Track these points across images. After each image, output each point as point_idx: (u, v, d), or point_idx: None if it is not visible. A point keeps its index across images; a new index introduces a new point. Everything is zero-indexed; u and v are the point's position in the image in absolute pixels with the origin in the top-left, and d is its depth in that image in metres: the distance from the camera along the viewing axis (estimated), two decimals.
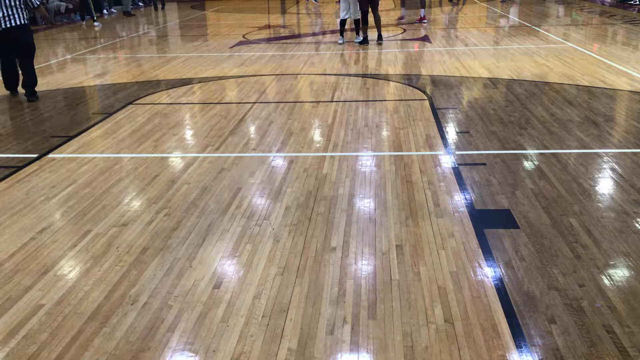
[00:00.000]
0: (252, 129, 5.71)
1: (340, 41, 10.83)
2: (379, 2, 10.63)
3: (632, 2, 15.62)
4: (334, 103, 6.56)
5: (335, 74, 8.13)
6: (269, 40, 12.14)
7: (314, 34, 13.03)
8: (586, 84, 7.06)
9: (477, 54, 9.48)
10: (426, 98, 6.64)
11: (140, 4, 20.90)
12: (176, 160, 4.86)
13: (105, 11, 17.78)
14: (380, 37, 10.73)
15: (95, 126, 5.94)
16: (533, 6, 16.98)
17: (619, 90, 6.70)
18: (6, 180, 4.50)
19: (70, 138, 5.52)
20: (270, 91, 7.36)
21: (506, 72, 7.90)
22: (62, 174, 4.57)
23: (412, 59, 9.20)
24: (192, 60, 9.83)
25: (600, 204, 3.72)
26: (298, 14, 17.92)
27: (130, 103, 6.87)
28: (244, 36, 12.74)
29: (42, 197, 4.13)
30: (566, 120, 5.56)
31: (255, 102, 6.74)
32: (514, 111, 5.94)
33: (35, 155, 5.02)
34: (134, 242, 3.38)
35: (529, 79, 7.40)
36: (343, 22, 10.64)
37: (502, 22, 14.02)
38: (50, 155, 5.03)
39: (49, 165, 4.78)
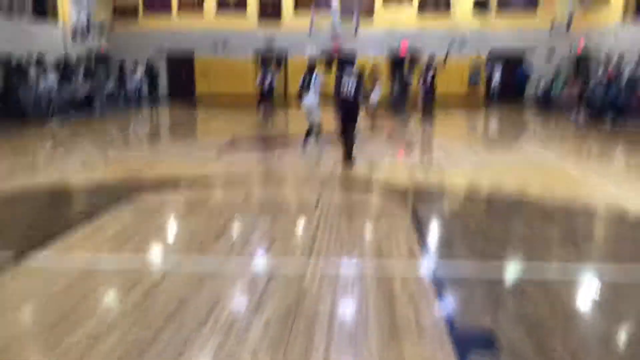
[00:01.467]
0: (237, 233, 5.71)
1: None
2: (359, 115, 9.34)
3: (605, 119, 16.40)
4: (318, 209, 6.63)
5: (320, 181, 8.26)
6: (256, 141, 12.42)
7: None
8: (566, 198, 7.25)
9: (459, 164, 9.75)
10: (408, 209, 6.74)
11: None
12: (156, 265, 4.79)
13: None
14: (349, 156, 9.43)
15: (77, 227, 5.89)
16: (513, 117, 17.72)
17: (598, 206, 6.87)
18: None
19: (49, 240, 5.46)
20: (257, 193, 7.43)
21: (487, 184, 8.10)
22: (35, 280, 4.47)
23: (395, 168, 9.42)
24: (180, 159, 9.97)
25: (584, 327, 3.69)
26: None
27: (117, 202, 6.88)
28: (232, 137, 13.04)
29: (11, 305, 4.01)
30: (547, 237, 5.64)
31: (242, 203, 6.79)
32: (495, 226, 6.03)
33: (8, 257, 4.93)
34: (109, 356, 3.26)
35: (508, 192, 7.59)
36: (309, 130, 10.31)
37: (483, 133, 14.55)
38: (26, 260, 4.94)
39: (22, 269, 4.68)
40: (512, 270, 4.71)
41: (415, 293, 4.20)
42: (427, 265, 4.82)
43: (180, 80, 25.53)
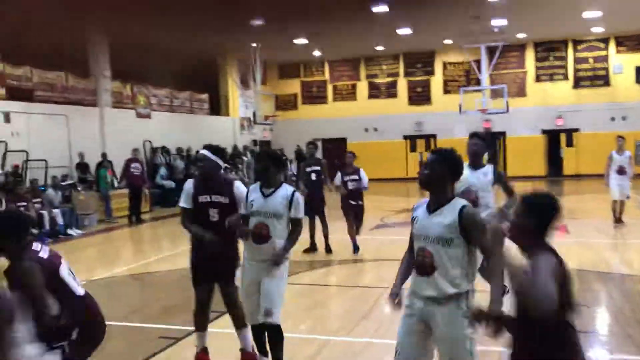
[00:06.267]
0: (386, 314, 6.05)
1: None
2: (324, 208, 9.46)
3: None
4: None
5: None
6: (406, 223, 12.80)
7: None
8: None
9: (616, 246, 9.29)
10: None
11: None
12: (309, 341, 5.28)
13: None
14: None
15: None
16: None
17: None
18: (166, 350, 5.18)
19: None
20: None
21: None
22: (221, 348, 5.08)
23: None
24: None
25: None
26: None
27: None
28: (381, 219, 13.56)
29: None
30: None
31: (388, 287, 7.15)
32: None
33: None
34: None
35: None
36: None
37: None
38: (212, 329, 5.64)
39: (210, 338, 4.99)
40: None
41: None
42: None
43: (334, 163, 26.96)
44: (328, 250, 9.29)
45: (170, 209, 17.02)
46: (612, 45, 23.37)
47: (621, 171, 10.84)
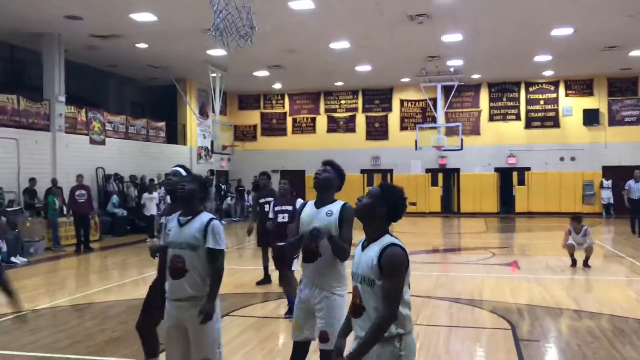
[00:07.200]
0: None
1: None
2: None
3: None
4: (416, 326, 6.78)
5: (420, 296, 8.40)
6: None
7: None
8: None
9: (565, 283, 9.50)
10: (510, 327, 6.71)
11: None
12: None
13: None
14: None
15: None
16: (630, 236, 16.86)
17: None
18: None
19: None
20: None
21: (594, 305, 7.84)
22: None
23: (498, 285, 9.35)
24: None
25: None
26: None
27: (227, 314, 7.43)
28: None
29: None
30: None
31: None
32: (599, 348, 5.85)
33: None
34: None
35: (618, 315, 7.30)
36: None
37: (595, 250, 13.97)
38: None
39: None
40: None
41: None
42: None
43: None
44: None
45: (121, 238, 16.61)
46: (561, 88, 24.37)
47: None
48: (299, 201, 7.12)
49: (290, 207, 7.47)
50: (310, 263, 3.98)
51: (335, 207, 4.06)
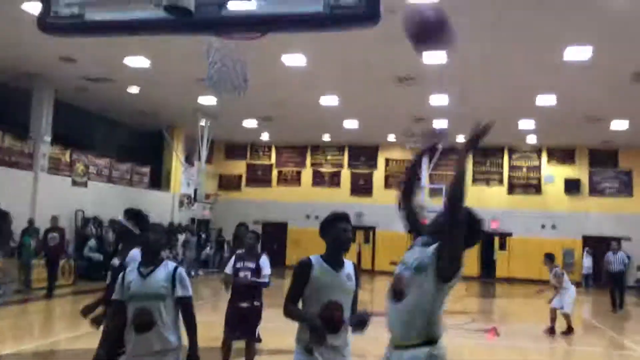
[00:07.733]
0: None
1: None
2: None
3: None
4: None
5: None
6: None
7: None
8: None
9: (546, 353, 9.36)
10: None
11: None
12: None
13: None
14: None
15: None
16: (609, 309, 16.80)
17: None
18: None
19: None
20: None
21: None
22: None
23: (475, 352, 9.18)
24: None
25: None
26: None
27: None
28: None
29: None
30: None
31: None
32: None
33: None
34: None
35: None
36: None
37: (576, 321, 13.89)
38: None
39: None
40: None
41: None
42: None
43: (272, 248, 26.67)
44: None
45: (96, 283, 16.17)
46: (544, 156, 24.80)
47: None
48: (264, 258, 6.75)
49: (253, 265, 6.65)
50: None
51: (350, 269, 3.96)
